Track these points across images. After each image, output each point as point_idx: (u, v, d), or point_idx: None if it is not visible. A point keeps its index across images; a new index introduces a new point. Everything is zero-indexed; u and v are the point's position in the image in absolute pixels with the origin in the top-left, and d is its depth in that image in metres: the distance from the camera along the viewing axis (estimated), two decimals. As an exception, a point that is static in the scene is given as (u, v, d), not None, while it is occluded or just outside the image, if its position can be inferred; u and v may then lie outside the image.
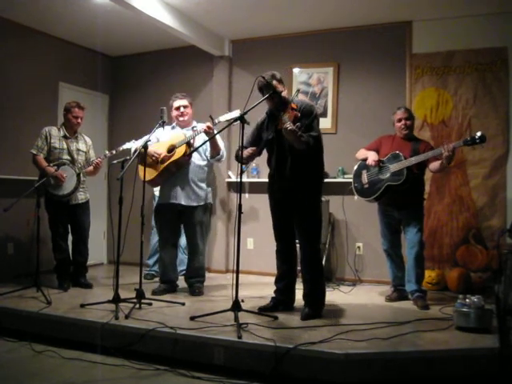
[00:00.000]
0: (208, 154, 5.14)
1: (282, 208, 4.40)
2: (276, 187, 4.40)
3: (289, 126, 3.93)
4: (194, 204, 5.09)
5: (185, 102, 5.20)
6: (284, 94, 4.26)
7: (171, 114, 5.22)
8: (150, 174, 5.04)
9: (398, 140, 4.95)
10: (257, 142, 4.43)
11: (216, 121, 4.77)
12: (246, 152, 4.30)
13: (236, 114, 4.49)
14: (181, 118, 5.17)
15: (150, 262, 6.16)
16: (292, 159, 4.22)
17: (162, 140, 5.15)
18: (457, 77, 5.76)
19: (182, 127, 5.21)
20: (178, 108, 5.18)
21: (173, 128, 5.27)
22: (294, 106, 4.19)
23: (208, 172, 5.27)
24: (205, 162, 5.19)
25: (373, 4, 5.54)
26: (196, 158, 5.09)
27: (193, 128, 5.17)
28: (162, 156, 4.99)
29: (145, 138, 5.17)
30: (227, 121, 4.73)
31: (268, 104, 4.35)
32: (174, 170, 5.03)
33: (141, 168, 4.97)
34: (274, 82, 4.20)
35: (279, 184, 4.36)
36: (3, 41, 5.99)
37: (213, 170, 5.31)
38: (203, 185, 5.17)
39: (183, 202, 5.05)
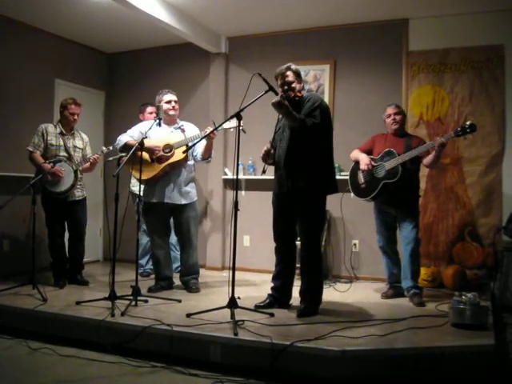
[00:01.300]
0: (196, 154, 5.15)
1: (280, 203, 4.39)
2: (276, 179, 4.40)
3: (275, 99, 3.96)
4: (187, 202, 5.12)
5: (175, 97, 5.20)
6: (295, 84, 4.25)
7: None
8: (146, 173, 4.96)
9: (391, 137, 4.97)
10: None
11: (219, 128, 4.73)
12: (263, 151, 4.33)
13: (235, 124, 4.45)
14: (172, 112, 5.13)
15: (143, 261, 6.14)
16: (288, 149, 4.21)
17: (151, 137, 5.00)
18: (453, 74, 5.77)
19: (169, 123, 5.19)
20: (169, 102, 5.13)
21: (159, 125, 5.06)
22: (299, 94, 4.20)
23: (194, 171, 5.32)
24: (192, 162, 5.23)
25: (369, 1, 5.53)
26: None
27: (180, 127, 5.17)
28: (159, 154, 4.98)
29: (130, 133, 5.14)
30: (228, 128, 4.75)
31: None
32: (169, 170, 5.03)
33: (135, 167, 4.93)
34: (288, 72, 4.23)
35: (277, 175, 4.36)
36: (-1, 37, 5.99)
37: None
38: (192, 183, 5.23)
39: (177, 202, 5.06)
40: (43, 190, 5.19)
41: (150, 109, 6.08)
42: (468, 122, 4.56)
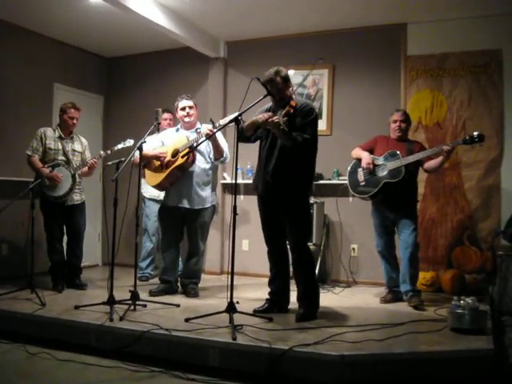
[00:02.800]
0: (212, 156, 5.13)
1: (267, 207, 4.39)
2: (260, 182, 4.38)
3: (275, 118, 3.94)
4: (198, 207, 5.07)
5: (190, 102, 5.16)
6: (286, 91, 4.24)
7: (177, 116, 5.24)
8: (157, 178, 5.04)
9: (393, 141, 5.00)
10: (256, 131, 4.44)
11: (216, 124, 4.72)
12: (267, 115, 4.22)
13: (234, 115, 4.42)
14: (186, 119, 5.13)
15: (143, 264, 6.14)
16: (278, 155, 4.20)
17: (166, 143, 5.15)
18: (451, 79, 5.78)
19: (187, 129, 5.18)
20: (183, 108, 5.13)
21: (177, 130, 5.25)
22: (293, 103, 4.17)
23: (212, 175, 5.24)
24: (209, 165, 5.16)
25: (368, 6, 5.55)
26: (200, 161, 5.07)
27: (196, 130, 5.15)
28: (167, 160, 4.98)
29: (149, 139, 5.16)
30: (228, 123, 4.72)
31: (271, 99, 4.31)
32: (179, 174, 5.01)
33: (147, 172, 5.06)
34: (278, 79, 4.20)
35: (263, 179, 4.33)
36: (-2, 42, 5.99)
37: (217, 172, 5.31)
38: (207, 188, 5.15)
39: (187, 206, 5.03)
40: (42, 194, 5.19)
41: (165, 115, 6.04)
42: (476, 132, 4.61)
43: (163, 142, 5.20)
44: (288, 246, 4.47)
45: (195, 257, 5.19)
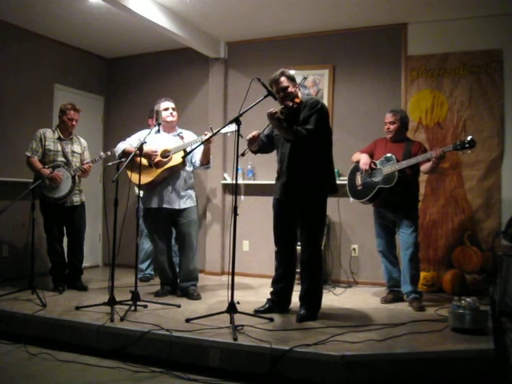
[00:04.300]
0: (195, 160, 5.16)
1: (282, 208, 4.39)
2: (278, 185, 4.39)
3: (272, 110, 3.95)
4: (187, 206, 5.11)
5: (172, 104, 5.22)
6: (291, 89, 4.24)
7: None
8: (144, 178, 4.99)
9: (391, 143, 5.00)
10: (270, 138, 4.49)
11: (217, 133, 4.71)
12: (250, 135, 4.31)
13: (234, 128, 4.39)
14: (169, 118, 5.13)
15: (143, 266, 6.13)
16: (289, 154, 4.22)
17: (149, 143, 5.01)
18: (452, 79, 5.78)
19: (168, 131, 5.20)
20: (167, 109, 5.15)
21: (158, 132, 5.17)
22: (297, 100, 4.19)
23: (193, 177, 5.32)
24: (191, 168, 5.23)
25: (368, 6, 5.54)
26: (186, 164, 5.13)
27: (179, 134, 5.17)
28: (157, 159, 4.98)
29: (129, 141, 5.13)
30: (225, 133, 4.70)
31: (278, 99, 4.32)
32: (167, 175, 5.03)
33: (134, 172, 4.95)
34: (282, 79, 4.22)
35: (280, 181, 4.36)
36: (-1, 43, 5.99)
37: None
38: (191, 189, 5.22)
39: (176, 206, 5.06)
40: (41, 195, 5.18)
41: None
42: (468, 138, 4.59)
43: (140, 139, 5.10)
44: (298, 247, 4.44)
45: (190, 256, 5.18)
